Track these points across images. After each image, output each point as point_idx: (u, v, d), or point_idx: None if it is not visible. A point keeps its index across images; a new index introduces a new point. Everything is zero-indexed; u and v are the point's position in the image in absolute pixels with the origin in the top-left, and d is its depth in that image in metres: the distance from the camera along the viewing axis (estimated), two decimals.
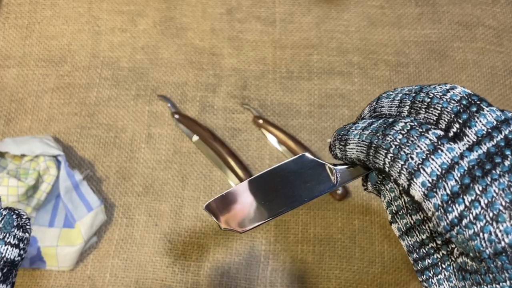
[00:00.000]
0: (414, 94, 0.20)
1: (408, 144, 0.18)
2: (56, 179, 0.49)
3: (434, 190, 0.17)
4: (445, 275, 0.20)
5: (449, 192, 0.17)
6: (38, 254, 0.48)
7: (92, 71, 0.57)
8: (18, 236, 0.21)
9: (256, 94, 0.55)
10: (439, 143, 0.18)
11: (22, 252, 0.21)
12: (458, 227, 0.17)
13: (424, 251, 0.21)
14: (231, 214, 0.23)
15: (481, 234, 0.16)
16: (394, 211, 0.22)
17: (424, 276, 0.21)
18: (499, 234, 0.16)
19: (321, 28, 0.58)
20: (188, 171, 0.52)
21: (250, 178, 0.23)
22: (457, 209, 0.17)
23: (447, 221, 0.17)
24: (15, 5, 0.60)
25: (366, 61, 0.56)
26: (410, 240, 0.21)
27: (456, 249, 0.19)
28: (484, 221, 0.16)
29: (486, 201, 0.16)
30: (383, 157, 0.19)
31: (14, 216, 0.22)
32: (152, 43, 0.58)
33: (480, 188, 0.17)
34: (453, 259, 0.20)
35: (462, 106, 0.19)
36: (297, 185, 0.23)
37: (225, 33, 0.58)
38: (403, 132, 0.19)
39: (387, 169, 0.19)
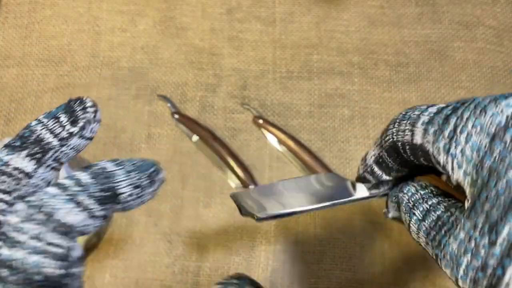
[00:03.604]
0: None
1: None
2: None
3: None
4: (459, 228, 0.19)
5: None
6: None
7: (91, 71, 0.56)
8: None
9: (256, 94, 0.55)
10: None
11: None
12: None
13: (440, 223, 0.21)
14: (258, 202, 0.27)
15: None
16: (410, 207, 0.23)
17: (442, 246, 0.20)
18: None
19: (321, 28, 0.58)
20: (188, 171, 0.52)
21: (283, 179, 0.28)
22: None
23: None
24: (14, 4, 0.59)
25: (366, 61, 0.56)
26: (427, 223, 0.22)
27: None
28: None
29: None
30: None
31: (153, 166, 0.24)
32: (152, 43, 0.58)
33: None
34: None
35: None
36: (320, 192, 0.27)
37: (225, 33, 0.58)
38: None
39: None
